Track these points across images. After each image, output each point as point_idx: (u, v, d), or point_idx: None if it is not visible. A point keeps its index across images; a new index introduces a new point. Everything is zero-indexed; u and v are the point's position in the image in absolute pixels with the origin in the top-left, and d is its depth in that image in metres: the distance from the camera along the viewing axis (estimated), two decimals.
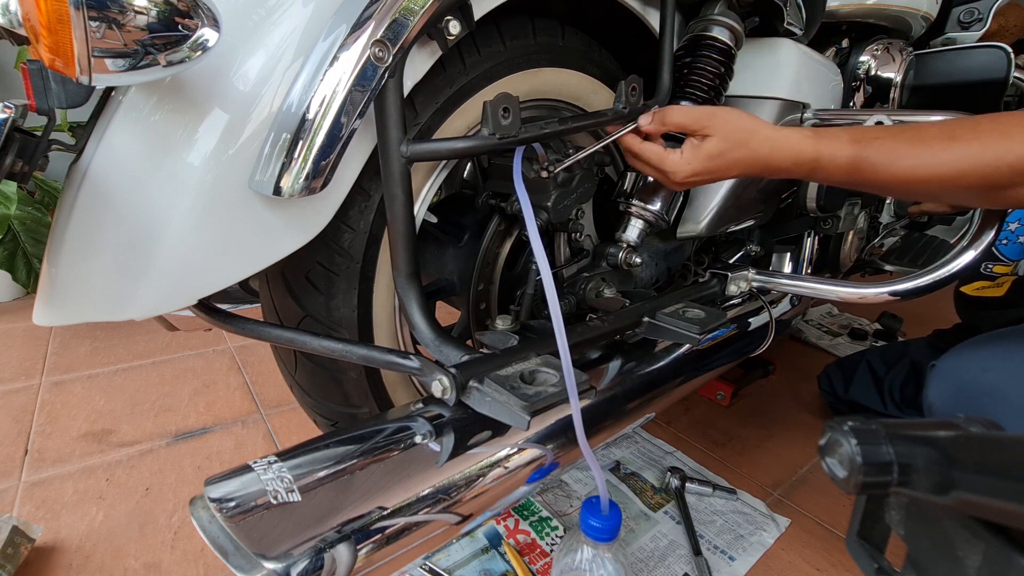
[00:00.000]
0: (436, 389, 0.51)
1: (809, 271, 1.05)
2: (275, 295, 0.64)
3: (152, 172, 0.46)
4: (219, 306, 0.65)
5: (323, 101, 0.46)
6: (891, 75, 0.92)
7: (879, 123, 0.73)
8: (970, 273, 1.09)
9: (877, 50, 0.92)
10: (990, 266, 1.04)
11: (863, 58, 0.92)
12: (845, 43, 0.93)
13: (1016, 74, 0.91)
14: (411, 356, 0.54)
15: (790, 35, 0.77)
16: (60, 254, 0.48)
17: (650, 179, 0.73)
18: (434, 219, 0.77)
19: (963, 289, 1.10)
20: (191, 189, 0.46)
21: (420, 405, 0.54)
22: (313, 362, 0.65)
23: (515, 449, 0.54)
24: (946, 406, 0.65)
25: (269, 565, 0.37)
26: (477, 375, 0.50)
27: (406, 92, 0.53)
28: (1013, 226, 1.04)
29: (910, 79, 0.96)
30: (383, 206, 0.56)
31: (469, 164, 0.93)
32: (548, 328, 0.65)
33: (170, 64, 0.38)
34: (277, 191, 0.46)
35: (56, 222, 0.49)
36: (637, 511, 0.92)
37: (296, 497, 0.41)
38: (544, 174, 0.65)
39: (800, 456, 1.10)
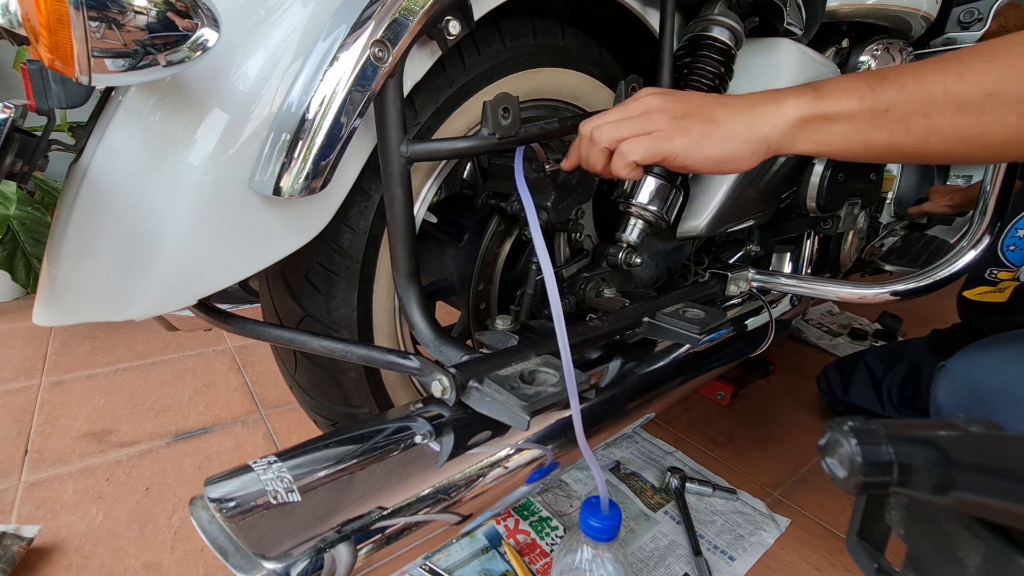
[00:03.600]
0: (436, 389, 0.51)
1: (809, 271, 1.05)
2: (275, 295, 0.64)
3: (152, 172, 0.46)
4: (219, 306, 0.65)
5: (323, 101, 0.46)
6: None
7: None
8: (973, 279, 1.09)
9: (877, 50, 0.92)
10: (995, 272, 1.04)
11: (863, 58, 0.92)
12: (845, 43, 0.93)
13: None
14: (411, 356, 0.54)
15: (790, 35, 0.77)
16: (60, 254, 0.48)
17: (651, 179, 0.73)
18: (434, 219, 0.77)
19: (965, 294, 1.10)
20: (191, 189, 0.46)
21: (420, 405, 0.54)
22: (313, 362, 0.65)
23: (515, 449, 0.54)
24: (955, 405, 0.64)
25: (269, 565, 0.37)
26: (477, 375, 0.50)
27: (406, 92, 0.53)
28: (1022, 232, 1.03)
29: None
30: (383, 206, 0.56)
31: (469, 164, 0.93)
32: (548, 328, 0.65)
33: (170, 64, 0.38)
34: (277, 191, 0.46)
35: (56, 222, 0.49)
36: (637, 511, 0.92)
37: (296, 497, 0.41)
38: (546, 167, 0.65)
39: (800, 456, 1.10)
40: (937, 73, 0.45)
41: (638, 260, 0.75)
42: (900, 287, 0.78)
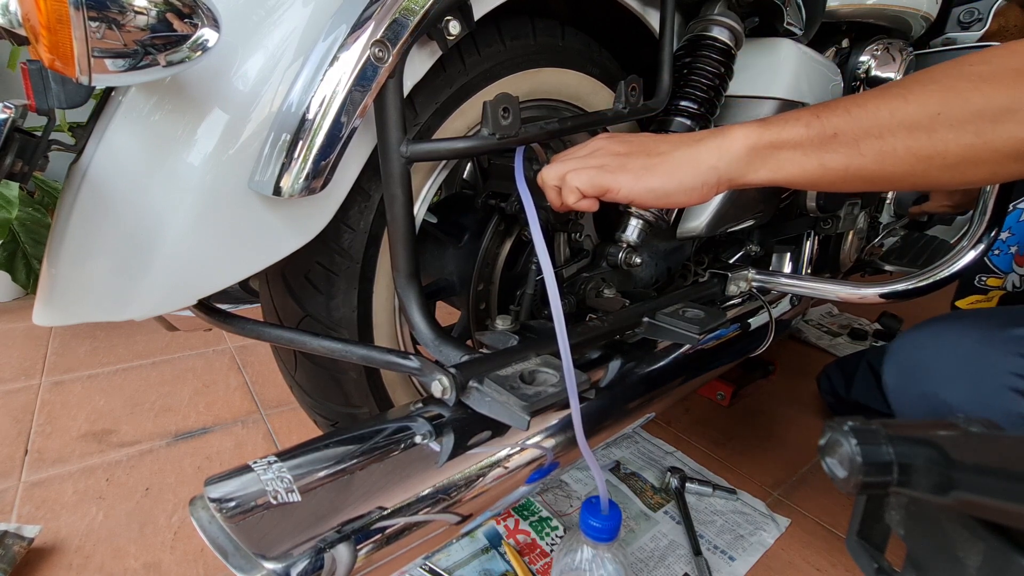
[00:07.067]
0: (436, 389, 0.51)
1: (809, 271, 1.05)
2: (275, 295, 0.64)
3: (152, 172, 0.46)
4: (219, 306, 0.65)
5: (323, 101, 0.46)
6: (891, 75, 0.92)
7: None
8: (964, 287, 1.09)
9: (877, 50, 0.92)
10: (984, 278, 1.05)
11: (863, 58, 0.92)
12: (845, 43, 0.93)
13: None
14: (411, 356, 0.54)
15: (790, 35, 0.77)
16: (60, 254, 0.48)
17: None
18: (434, 219, 0.77)
19: (957, 304, 1.11)
20: (191, 189, 0.46)
21: (420, 405, 0.54)
22: (313, 362, 0.65)
23: (515, 449, 0.54)
24: (895, 383, 0.67)
25: (269, 565, 0.37)
26: (477, 375, 0.50)
27: (406, 92, 0.53)
28: (1004, 235, 1.03)
29: None
30: (383, 206, 0.56)
31: (469, 164, 0.93)
32: (548, 328, 0.65)
33: (170, 64, 0.38)
34: (277, 191, 0.46)
35: (56, 222, 0.49)
36: (637, 511, 0.92)
37: (296, 497, 0.41)
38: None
39: (800, 456, 1.10)
40: (879, 99, 0.45)
41: (638, 260, 0.75)
42: (900, 287, 0.78)
